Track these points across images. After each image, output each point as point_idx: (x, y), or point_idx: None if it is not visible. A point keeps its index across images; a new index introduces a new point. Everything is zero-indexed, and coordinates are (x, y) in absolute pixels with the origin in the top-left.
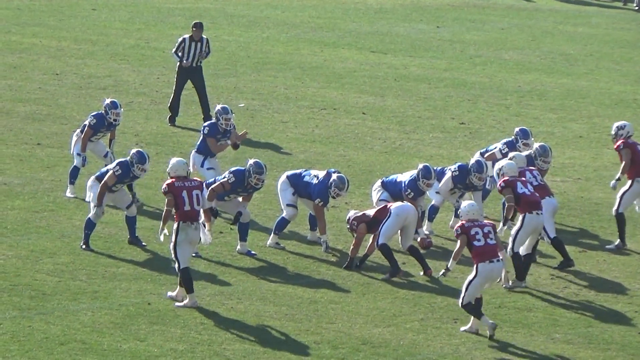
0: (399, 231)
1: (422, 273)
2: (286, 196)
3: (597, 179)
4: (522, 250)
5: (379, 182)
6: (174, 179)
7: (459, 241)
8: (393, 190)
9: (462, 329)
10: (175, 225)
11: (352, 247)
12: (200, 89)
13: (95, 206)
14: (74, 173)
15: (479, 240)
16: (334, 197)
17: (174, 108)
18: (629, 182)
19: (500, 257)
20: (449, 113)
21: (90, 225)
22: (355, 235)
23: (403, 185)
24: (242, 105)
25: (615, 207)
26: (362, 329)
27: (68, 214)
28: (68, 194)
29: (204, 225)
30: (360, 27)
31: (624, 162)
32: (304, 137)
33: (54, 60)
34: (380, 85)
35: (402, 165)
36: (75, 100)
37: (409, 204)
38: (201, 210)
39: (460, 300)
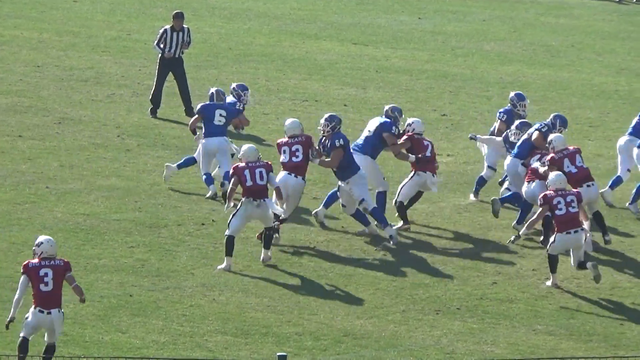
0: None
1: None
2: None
3: None
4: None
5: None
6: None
7: (539, 209)
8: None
9: (547, 283)
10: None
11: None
12: (182, 80)
13: None
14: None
15: (560, 209)
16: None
17: (156, 100)
18: (411, 173)
19: (581, 227)
20: (431, 105)
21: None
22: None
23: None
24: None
25: (395, 198)
26: (344, 320)
27: (49, 206)
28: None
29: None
30: (341, 18)
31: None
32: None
33: (35, 52)
34: (362, 77)
35: (383, 157)
36: (57, 93)
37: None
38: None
39: (547, 248)
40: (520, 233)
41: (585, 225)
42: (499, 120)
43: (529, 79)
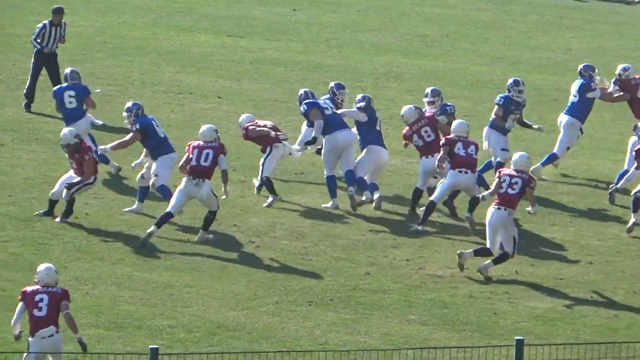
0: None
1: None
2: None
3: None
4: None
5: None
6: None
7: (494, 183)
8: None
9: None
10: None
11: None
12: (55, 75)
13: None
14: None
15: (502, 188)
16: None
17: (30, 94)
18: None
19: (505, 207)
20: None
21: None
22: None
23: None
24: (98, 91)
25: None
26: (217, 312)
27: None
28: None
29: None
30: (216, 11)
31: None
32: (160, 122)
33: None
34: (236, 69)
35: (257, 149)
36: None
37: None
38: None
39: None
40: (484, 194)
41: (531, 209)
42: (497, 105)
43: (403, 69)
